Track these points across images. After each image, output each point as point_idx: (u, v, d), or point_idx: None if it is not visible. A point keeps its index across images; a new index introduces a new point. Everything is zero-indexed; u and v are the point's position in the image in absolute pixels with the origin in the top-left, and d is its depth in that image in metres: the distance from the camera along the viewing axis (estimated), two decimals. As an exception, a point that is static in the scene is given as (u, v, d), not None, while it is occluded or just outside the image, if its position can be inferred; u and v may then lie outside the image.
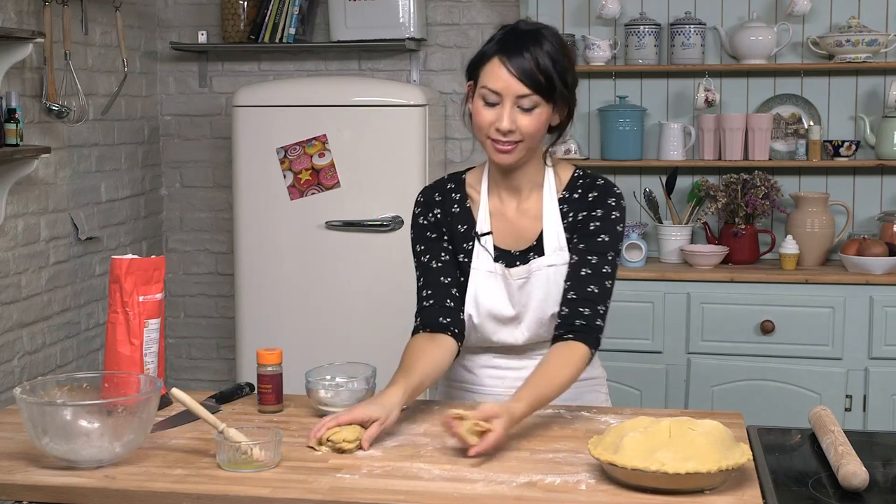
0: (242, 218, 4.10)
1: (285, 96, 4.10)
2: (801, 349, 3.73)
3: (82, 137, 4.00)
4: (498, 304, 2.23)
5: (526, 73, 2.10)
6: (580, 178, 2.28)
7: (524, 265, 2.23)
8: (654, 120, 4.21)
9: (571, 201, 2.25)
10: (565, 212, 2.25)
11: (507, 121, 2.12)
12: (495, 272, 2.23)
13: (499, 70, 2.11)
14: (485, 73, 2.14)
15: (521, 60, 2.10)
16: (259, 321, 4.10)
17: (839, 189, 4.12)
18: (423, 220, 2.30)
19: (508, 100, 2.12)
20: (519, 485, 1.74)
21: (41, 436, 1.81)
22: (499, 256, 2.25)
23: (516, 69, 2.10)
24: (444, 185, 2.33)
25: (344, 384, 2.14)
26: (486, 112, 2.14)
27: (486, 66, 2.14)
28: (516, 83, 2.10)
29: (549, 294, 2.21)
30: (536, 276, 2.22)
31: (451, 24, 4.43)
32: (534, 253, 2.24)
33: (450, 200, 2.30)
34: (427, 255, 2.28)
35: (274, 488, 1.73)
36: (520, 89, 2.11)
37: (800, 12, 3.99)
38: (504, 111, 2.12)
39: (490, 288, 2.23)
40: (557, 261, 2.22)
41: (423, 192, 2.34)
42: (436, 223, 2.29)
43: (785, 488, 1.79)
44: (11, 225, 3.57)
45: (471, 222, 2.28)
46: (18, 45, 3.32)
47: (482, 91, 2.14)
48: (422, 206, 2.32)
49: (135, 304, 2.22)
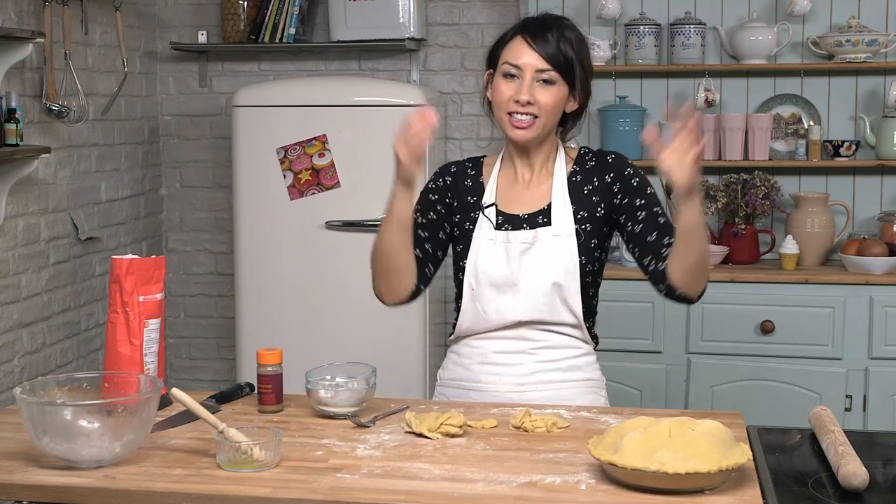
0: (242, 218, 4.10)
1: (285, 96, 4.10)
2: (801, 349, 3.73)
3: (82, 137, 4.00)
4: (495, 269, 2.26)
5: (547, 50, 2.21)
6: (587, 154, 2.35)
7: (531, 230, 2.26)
8: (655, 120, 4.21)
9: (585, 171, 2.31)
10: (579, 182, 2.29)
11: (525, 92, 2.21)
12: (495, 240, 2.27)
13: (521, 46, 2.22)
14: (507, 51, 2.24)
15: (542, 39, 2.21)
16: (259, 321, 4.10)
17: (839, 189, 4.12)
18: (431, 184, 2.39)
19: (528, 74, 2.21)
20: (519, 485, 1.74)
21: (41, 436, 1.81)
22: (506, 221, 2.29)
23: (538, 45, 2.21)
24: (463, 162, 2.42)
25: (344, 384, 2.14)
26: (505, 86, 2.24)
27: (509, 45, 2.25)
28: (537, 58, 2.21)
29: (550, 262, 2.24)
30: (541, 243, 2.25)
31: (451, 24, 4.43)
32: (542, 217, 2.27)
33: (464, 174, 2.38)
34: (418, 210, 2.32)
35: (274, 488, 1.73)
36: (540, 64, 2.21)
37: (800, 12, 3.99)
38: (524, 84, 2.21)
39: (489, 253, 2.27)
40: (562, 232, 2.25)
41: (442, 165, 2.44)
42: (443, 188, 2.36)
43: (785, 488, 1.79)
44: (11, 225, 3.57)
45: (480, 194, 2.33)
46: (18, 45, 3.32)
47: (503, 67, 2.24)
48: (436, 174, 2.41)
49: (135, 304, 2.22)
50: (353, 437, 2.00)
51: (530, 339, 2.27)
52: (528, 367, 2.28)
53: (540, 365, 2.28)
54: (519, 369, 2.28)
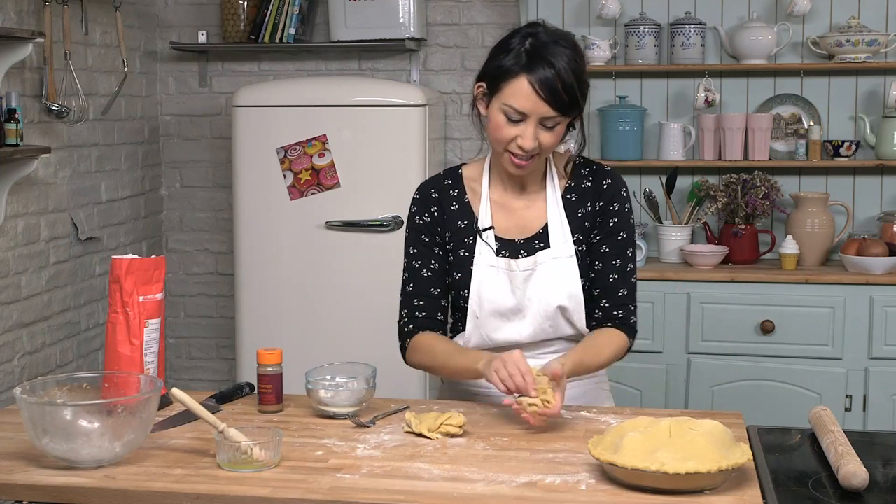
0: (242, 218, 4.10)
1: (285, 96, 4.09)
2: (801, 349, 3.73)
3: (82, 137, 4.00)
4: (501, 298, 2.23)
5: (553, 95, 2.10)
6: (583, 167, 2.30)
7: (530, 256, 2.23)
8: (654, 120, 4.21)
9: (581, 190, 2.26)
10: (574, 201, 2.26)
11: (531, 140, 2.13)
12: (497, 266, 2.24)
13: (526, 90, 2.10)
14: (509, 91, 2.12)
15: (547, 81, 2.09)
16: (259, 321, 4.10)
17: (839, 189, 4.12)
18: (419, 220, 2.30)
19: (533, 119, 2.12)
20: (519, 485, 1.74)
21: (41, 436, 1.81)
22: (503, 247, 2.25)
23: (544, 91, 2.09)
24: (441, 181, 2.32)
25: (344, 384, 2.14)
26: (508, 128, 2.14)
27: (512, 83, 2.12)
28: (543, 105, 2.11)
29: (554, 286, 2.22)
30: (542, 268, 2.23)
31: (451, 24, 4.43)
32: (539, 242, 2.24)
33: (448, 197, 2.30)
34: (419, 260, 2.29)
35: (274, 488, 1.73)
36: (546, 111, 2.11)
37: (800, 12, 3.99)
38: (528, 130, 2.13)
39: (493, 282, 2.24)
40: (562, 253, 2.23)
41: (420, 189, 2.34)
42: (432, 223, 2.29)
43: (785, 488, 1.78)
44: (11, 225, 3.57)
45: (471, 217, 2.28)
46: (18, 45, 3.32)
47: (506, 108, 2.13)
48: (418, 203, 2.32)
49: (135, 304, 2.22)
50: (353, 437, 2.00)
51: (537, 349, 2.27)
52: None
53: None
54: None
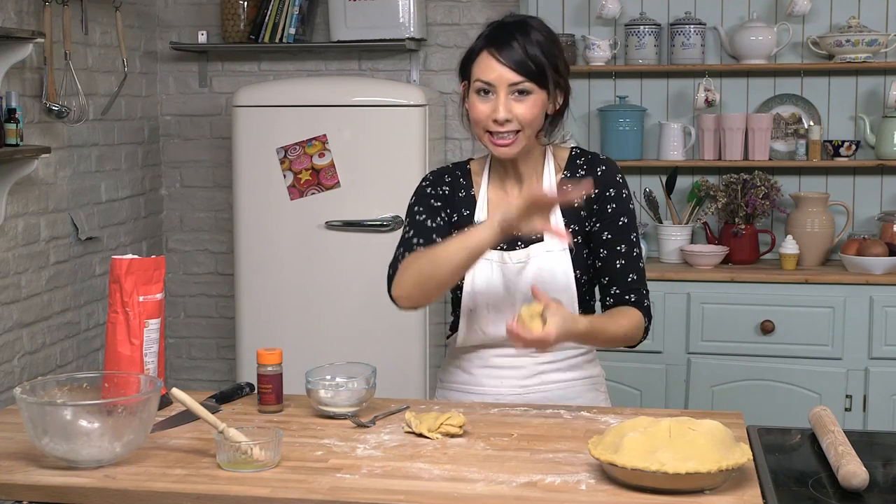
0: (242, 218, 4.10)
1: (285, 96, 4.10)
2: (801, 349, 3.73)
3: (82, 137, 4.00)
4: (494, 290, 2.24)
5: (516, 62, 2.13)
6: (578, 157, 2.30)
7: (525, 248, 2.24)
8: (654, 120, 4.21)
9: (576, 180, 2.25)
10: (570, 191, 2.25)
11: (502, 110, 2.14)
12: (491, 260, 2.24)
13: (489, 61, 2.15)
14: (476, 68, 2.17)
15: (509, 50, 2.14)
16: (259, 321, 4.10)
17: (839, 189, 4.12)
18: (430, 190, 2.32)
19: (502, 89, 2.14)
20: (519, 485, 1.74)
21: (41, 436, 1.81)
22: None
23: (506, 58, 2.13)
24: (453, 171, 2.35)
25: (344, 384, 2.14)
26: (481, 105, 2.17)
27: (477, 61, 2.18)
28: (507, 71, 2.13)
29: (547, 280, 2.22)
30: (535, 261, 2.23)
31: (451, 24, 4.43)
32: (533, 234, 2.24)
33: (457, 185, 2.32)
34: (424, 215, 2.28)
35: (274, 488, 1.73)
36: (511, 77, 2.14)
37: (800, 12, 3.99)
38: (499, 101, 2.14)
39: (485, 275, 2.24)
40: (555, 246, 2.23)
41: (433, 172, 2.37)
42: (443, 197, 2.30)
43: (785, 488, 1.78)
44: (11, 225, 3.57)
45: (472, 209, 2.29)
46: (18, 45, 3.32)
47: (476, 84, 2.17)
48: (431, 181, 2.34)
49: (135, 304, 2.22)
50: (353, 437, 2.00)
51: None
52: (529, 370, 2.27)
53: (541, 367, 2.28)
54: (520, 372, 2.27)
